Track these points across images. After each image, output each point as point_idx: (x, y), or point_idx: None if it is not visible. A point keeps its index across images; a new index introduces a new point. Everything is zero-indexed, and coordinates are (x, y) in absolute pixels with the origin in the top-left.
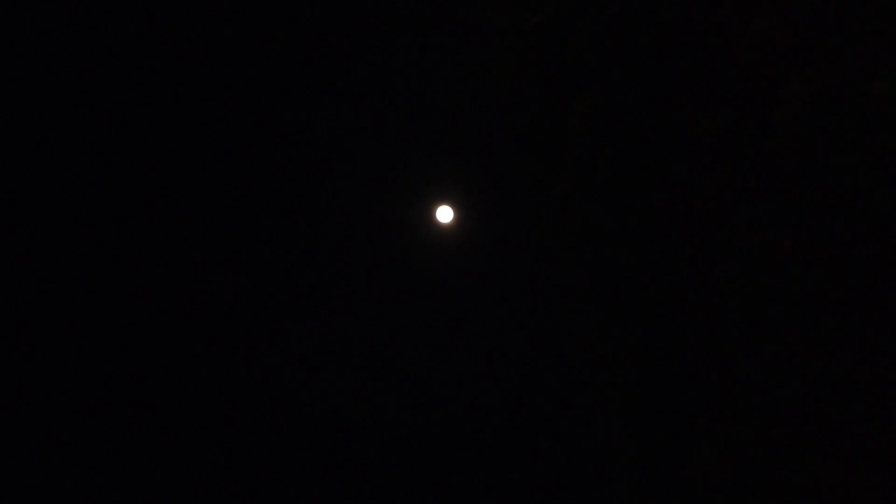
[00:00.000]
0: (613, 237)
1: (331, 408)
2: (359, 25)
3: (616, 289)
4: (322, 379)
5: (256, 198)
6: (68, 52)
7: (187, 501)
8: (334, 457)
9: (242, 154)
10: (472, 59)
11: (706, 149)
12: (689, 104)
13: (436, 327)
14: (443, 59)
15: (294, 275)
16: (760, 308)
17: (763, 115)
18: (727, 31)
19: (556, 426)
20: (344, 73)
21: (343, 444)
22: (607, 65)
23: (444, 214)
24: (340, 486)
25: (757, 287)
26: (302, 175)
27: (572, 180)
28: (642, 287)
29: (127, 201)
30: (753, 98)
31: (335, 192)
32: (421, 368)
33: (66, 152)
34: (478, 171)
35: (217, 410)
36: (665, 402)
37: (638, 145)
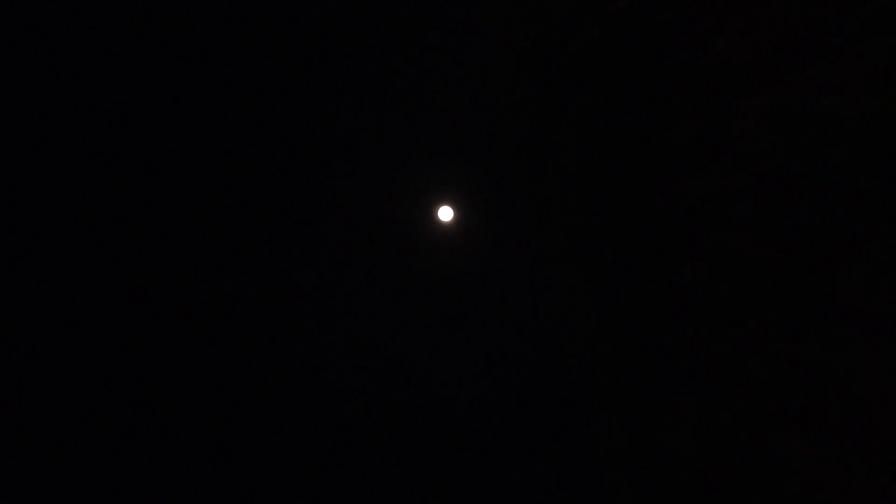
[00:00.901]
0: (596, 236)
1: (330, 407)
2: (359, 26)
3: (601, 284)
4: (322, 378)
5: (257, 198)
6: (68, 52)
7: (187, 501)
8: (334, 456)
9: (243, 154)
10: (472, 63)
11: (675, 156)
12: (663, 116)
13: (436, 326)
14: (444, 62)
15: (294, 274)
16: (726, 298)
17: (725, 126)
18: (694, 52)
19: (554, 419)
20: (344, 73)
21: (343, 444)
22: (591, 81)
23: (445, 214)
24: (340, 485)
25: (723, 280)
26: (302, 175)
27: (561, 184)
28: (624, 282)
29: (127, 201)
30: (717, 111)
31: (336, 192)
32: (421, 367)
33: (66, 152)
34: (478, 173)
35: (217, 410)
36: (643, 385)
37: (618, 152)
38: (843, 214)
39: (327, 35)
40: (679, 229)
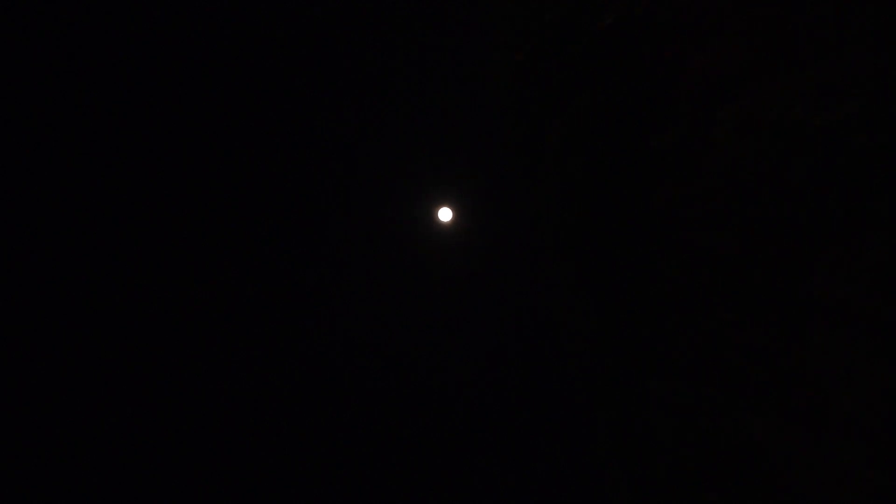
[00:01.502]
0: (581, 235)
1: (331, 406)
2: (359, 26)
3: (591, 281)
4: (322, 377)
5: (258, 198)
6: (68, 52)
7: (188, 501)
8: (335, 456)
9: (244, 155)
10: (471, 65)
11: (658, 161)
12: (645, 124)
13: (436, 325)
14: (444, 64)
15: (295, 275)
16: (701, 292)
17: (703, 133)
18: (674, 65)
19: (552, 418)
20: (344, 73)
21: (343, 443)
22: (577, 92)
23: (445, 214)
24: (341, 486)
25: (698, 275)
26: (303, 176)
27: (549, 187)
28: (613, 279)
29: (127, 201)
30: (696, 120)
31: (336, 192)
32: (421, 367)
33: (66, 152)
34: (478, 175)
35: (217, 411)
36: (622, 370)
37: (602, 158)
38: (811, 214)
39: (327, 35)
40: (661, 229)
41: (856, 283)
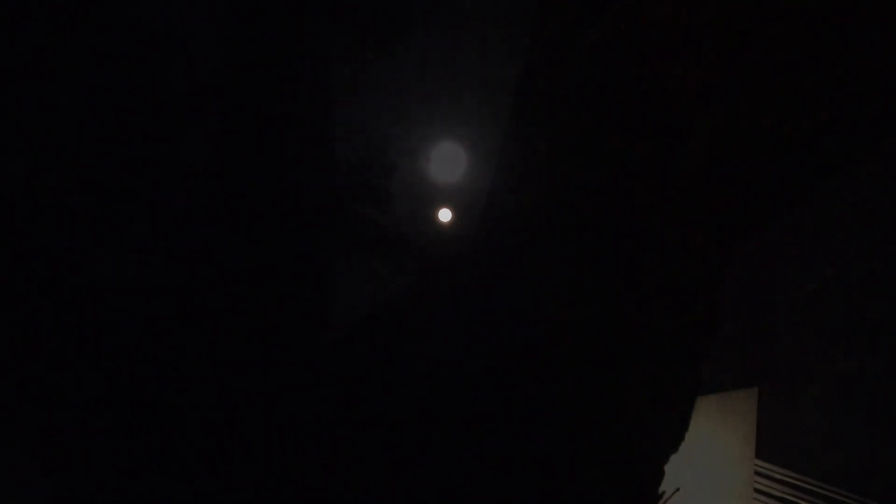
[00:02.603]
0: (569, 235)
1: (330, 407)
2: (359, 25)
3: (576, 274)
4: (321, 378)
5: (257, 198)
6: (68, 51)
7: (186, 501)
8: (333, 457)
9: (243, 154)
10: (471, 66)
11: (638, 168)
12: (626, 134)
13: (436, 325)
14: (444, 64)
15: (295, 275)
16: (679, 286)
17: (680, 142)
18: (653, 79)
19: (553, 419)
20: (348, 77)
21: (342, 444)
22: (564, 105)
23: (445, 215)
24: (340, 485)
25: (677, 271)
26: (303, 177)
27: (537, 193)
28: (594, 272)
29: (125, 201)
30: (673, 129)
31: (336, 192)
32: (421, 367)
33: (66, 151)
34: (477, 175)
35: (216, 412)
36: (608, 359)
37: (587, 165)
38: (784, 217)
39: (330, 38)
40: (644, 227)
41: (821, 281)
